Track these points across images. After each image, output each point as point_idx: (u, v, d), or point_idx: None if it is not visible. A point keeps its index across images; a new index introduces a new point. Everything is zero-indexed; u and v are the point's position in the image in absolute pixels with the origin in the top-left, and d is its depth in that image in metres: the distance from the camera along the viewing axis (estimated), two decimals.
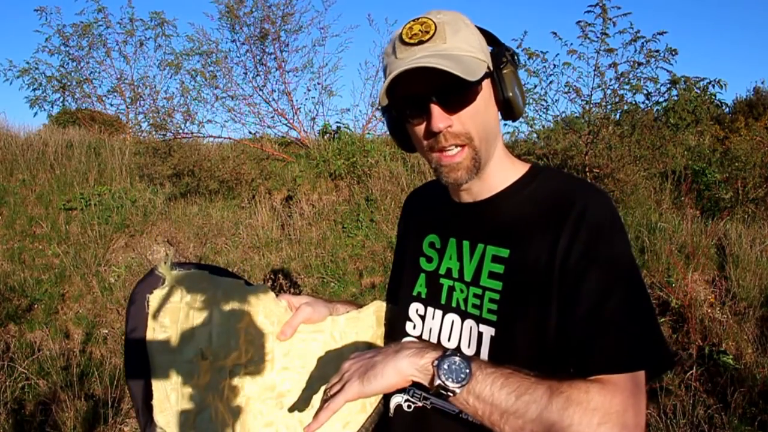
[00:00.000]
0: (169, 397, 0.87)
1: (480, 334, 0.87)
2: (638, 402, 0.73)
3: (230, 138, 7.08)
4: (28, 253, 5.26)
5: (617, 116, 5.36)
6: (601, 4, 4.69)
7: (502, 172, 0.91)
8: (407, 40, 0.84)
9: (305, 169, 6.20)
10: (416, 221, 1.06)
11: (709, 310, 3.53)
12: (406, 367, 0.75)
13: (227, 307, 0.95)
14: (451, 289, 0.93)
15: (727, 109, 7.83)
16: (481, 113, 0.85)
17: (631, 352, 0.75)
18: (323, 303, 1.04)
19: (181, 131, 6.60)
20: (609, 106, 5.20)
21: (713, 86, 4.99)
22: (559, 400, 0.70)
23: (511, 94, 0.87)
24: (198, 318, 0.93)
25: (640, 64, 4.83)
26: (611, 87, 5.04)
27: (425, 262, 0.99)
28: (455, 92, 0.82)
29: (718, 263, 3.92)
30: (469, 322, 0.89)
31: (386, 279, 4.32)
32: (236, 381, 0.93)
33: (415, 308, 0.99)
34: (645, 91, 4.99)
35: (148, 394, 0.87)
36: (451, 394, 0.73)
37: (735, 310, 3.52)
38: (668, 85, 4.97)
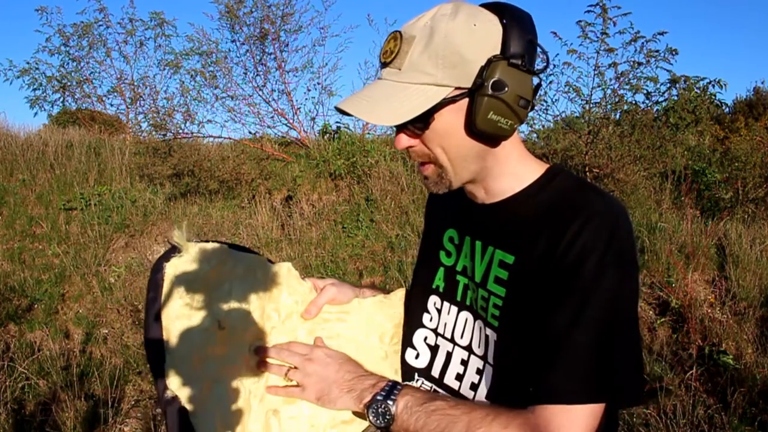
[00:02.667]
0: (183, 363, 0.87)
1: (487, 337, 0.87)
2: None
3: (230, 138, 7.09)
4: (28, 253, 5.26)
5: (617, 116, 5.36)
6: (601, 4, 4.69)
7: (515, 176, 0.88)
8: (380, 59, 0.83)
9: (305, 169, 6.20)
10: (439, 213, 1.06)
11: (709, 310, 3.53)
12: (351, 404, 0.88)
13: (248, 282, 0.94)
14: (466, 287, 0.93)
15: (727, 109, 7.83)
16: (446, 136, 0.82)
17: (584, 382, 0.74)
18: (349, 286, 1.04)
19: (181, 131, 6.61)
20: (609, 106, 5.20)
21: (713, 86, 5.00)
22: None
23: (479, 123, 0.79)
24: (216, 289, 0.91)
25: (640, 64, 4.83)
26: (611, 87, 5.04)
27: (445, 256, 0.99)
28: (409, 120, 0.80)
29: (718, 263, 3.92)
30: (479, 323, 0.89)
31: (386, 279, 4.34)
32: (257, 357, 0.92)
33: (433, 301, 0.99)
34: (645, 91, 5.00)
35: (164, 360, 0.87)
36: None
37: (735, 310, 3.52)
38: (668, 85, 4.98)
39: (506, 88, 0.78)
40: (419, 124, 0.81)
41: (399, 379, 0.99)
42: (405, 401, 0.83)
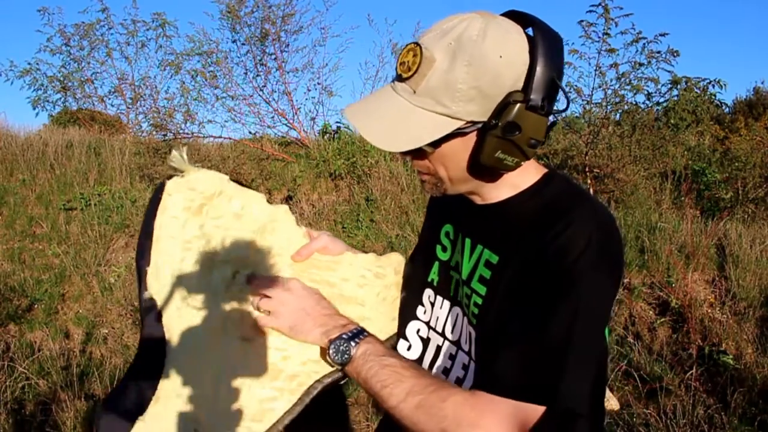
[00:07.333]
0: (163, 270, 0.89)
1: (470, 333, 0.88)
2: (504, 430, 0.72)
3: (230, 138, 7.09)
4: (28, 253, 5.26)
5: (618, 116, 5.36)
6: (603, 5, 4.69)
7: (512, 184, 0.89)
8: (397, 69, 0.80)
9: (305, 169, 6.20)
10: (440, 208, 1.07)
11: (709, 310, 3.53)
12: (319, 339, 0.89)
13: (244, 214, 0.95)
14: (458, 282, 0.94)
15: (727, 109, 7.83)
16: (450, 161, 0.83)
17: (527, 379, 0.74)
18: (343, 242, 1.05)
19: (181, 131, 6.61)
20: (609, 106, 5.20)
21: (713, 86, 5.00)
22: (413, 401, 0.77)
23: (484, 159, 0.79)
24: (212, 213, 0.93)
25: (641, 64, 4.83)
26: (612, 87, 5.04)
27: (440, 250, 1.00)
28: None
29: (718, 263, 3.92)
30: (466, 319, 0.90)
31: None
32: (241, 288, 0.93)
33: (427, 294, 1.00)
34: (646, 92, 5.00)
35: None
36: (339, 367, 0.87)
37: (735, 310, 3.52)
38: (669, 86, 4.98)
39: (518, 132, 0.76)
40: (426, 147, 0.80)
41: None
42: (365, 348, 0.84)
